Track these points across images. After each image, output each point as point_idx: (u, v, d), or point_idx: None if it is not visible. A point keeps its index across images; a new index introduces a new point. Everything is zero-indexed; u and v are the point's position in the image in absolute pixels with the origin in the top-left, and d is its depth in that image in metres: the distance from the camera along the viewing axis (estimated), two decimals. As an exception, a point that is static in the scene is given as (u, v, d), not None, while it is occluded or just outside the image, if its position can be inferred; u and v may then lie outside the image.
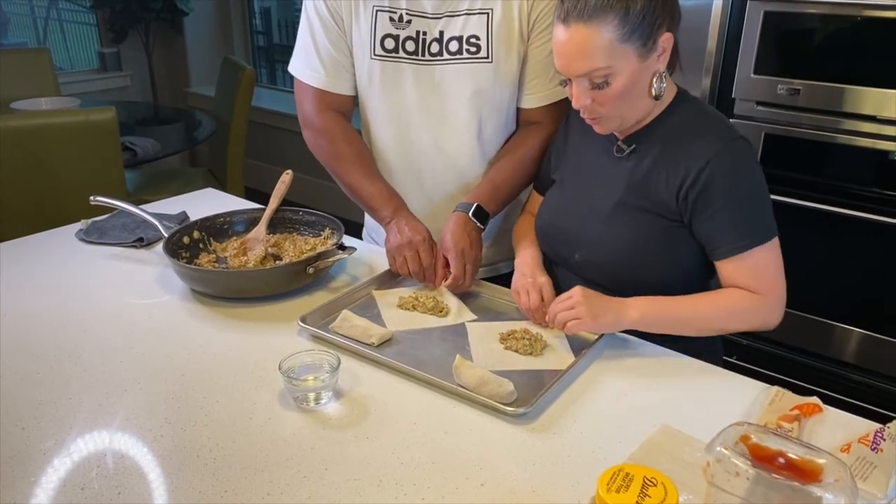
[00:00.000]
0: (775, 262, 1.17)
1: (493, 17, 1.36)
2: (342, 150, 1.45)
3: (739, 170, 1.14)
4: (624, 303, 1.15)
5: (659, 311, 1.16)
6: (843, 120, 1.93)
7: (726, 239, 1.15)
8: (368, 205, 1.45)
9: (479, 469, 0.91)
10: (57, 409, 1.02)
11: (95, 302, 1.33)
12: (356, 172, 1.44)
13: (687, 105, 1.21)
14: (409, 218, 1.38)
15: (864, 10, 1.81)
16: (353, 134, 1.48)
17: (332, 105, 1.47)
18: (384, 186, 1.43)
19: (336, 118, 1.47)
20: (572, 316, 1.13)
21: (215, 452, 0.93)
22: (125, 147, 2.81)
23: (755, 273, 1.15)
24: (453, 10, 1.36)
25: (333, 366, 1.04)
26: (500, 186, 1.41)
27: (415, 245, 1.34)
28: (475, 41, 1.37)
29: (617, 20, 1.06)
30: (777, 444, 0.74)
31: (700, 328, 1.19)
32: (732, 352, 2.20)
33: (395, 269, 1.38)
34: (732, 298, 1.16)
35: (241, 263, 1.42)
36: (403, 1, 1.36)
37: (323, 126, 1.46)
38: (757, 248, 1.14)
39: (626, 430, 0.99)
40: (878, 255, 1.97)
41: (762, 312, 1.17)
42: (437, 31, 1.37)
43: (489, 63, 1.38)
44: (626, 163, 1.22)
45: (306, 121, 1.48)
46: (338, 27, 1.41)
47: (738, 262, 1.15)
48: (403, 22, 1.37)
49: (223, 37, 4.72)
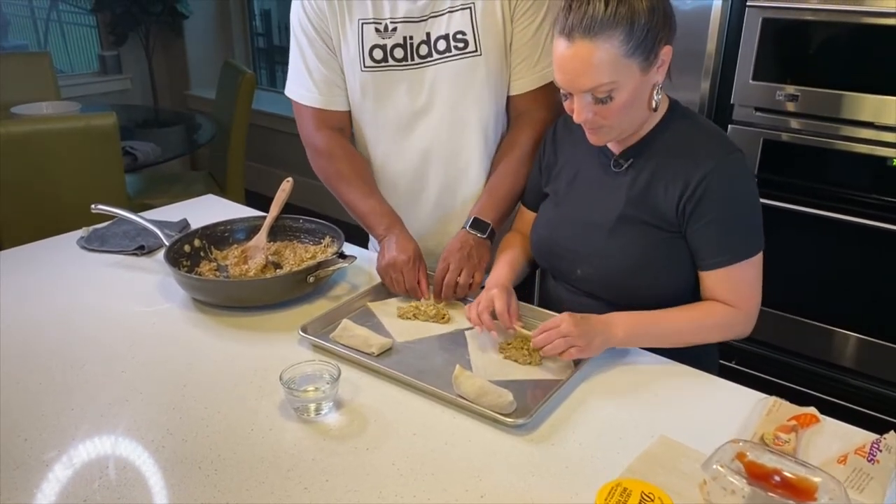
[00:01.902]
0: (755, 278, 1.19)
1: (476, 10, 1.37)
2: (341, 169, 1.47)
3: (735, 183, 1.16)
4: (609, 323, 1.15)
5: (641, 327, 1.17)
6: (841, 126, 1.94)
7: (713, 251, 1.16)
8: (364, 223, 1.46)
9: (479, 480, 0.92)
10: (59, 419, 1.03)
11: (97, 310, 1.34)
12: (353, 191, 1.46)
13: (682, 118, 1.22)
14: (399, 236, 1.38)
15: (863, 17, 1.82)
16: (351, 151, 1.50)
17: (329, 123, 1.49)
18: (378, 204, 1.44)
19: (334, 136, 1.49)
20: (568, 345, 1.11)
21: (217, 464, 0.94)
22: (125, 152, 2.81)
23: (734, 287, 1.17)
24: (436, 10, 1.37)
25: (334, 376, 1.05)
26: (498, 195, 1.42)
27: (398, 266, 1.34)
28: (462, 36, 1.38)
29: (623, 35, 1.05)
30: (773, 461, 0.75)
31: (678, 342, 1.20)
32: (732, 356, 2.21)
33: (389, 287, 1.39)
34: (709, 312, 1.19)
35: (242, 272, 1.43)
36: (387, 10, 1.37)
37: (322, 146, 1.48)
38: (740, 263, 1.16)
39: (625, 440, 1.00)
40: (876, 260, 1.97)
41: (737, 326, 1.20)
42: (424, 33, 1.38)
43: (479, 56, 1.39)
44: (623, 177, 1.23)
45: (307, 140, 1.51)
46: (326, 46, 1.43)
47: (720, 274, 1.17)
48: (389, 31, 1.38)
49: (223, 39, 4.73)
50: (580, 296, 1.28)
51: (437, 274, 1.35)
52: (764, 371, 2.18)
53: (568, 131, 1.33)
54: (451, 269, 1.33)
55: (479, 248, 1.36)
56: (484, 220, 1.39)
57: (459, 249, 1.35)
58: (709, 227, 1.15)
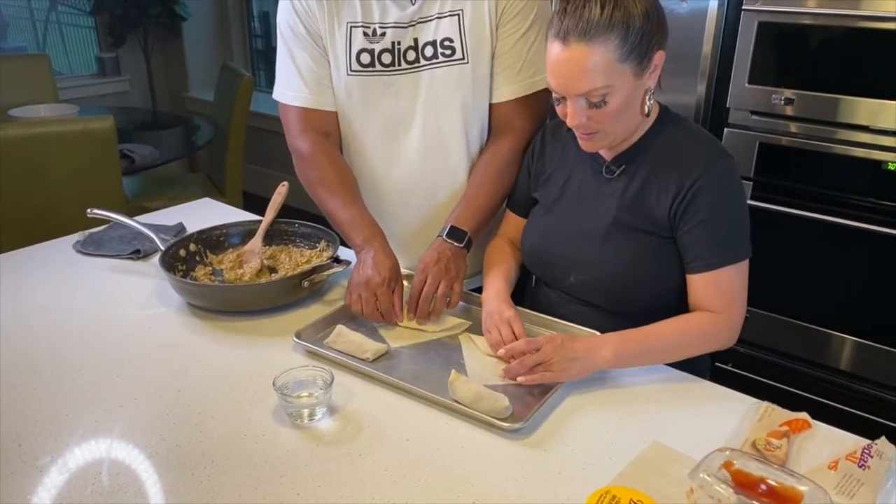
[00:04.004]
0: (741, 285, 1.18)
1: (465, 17, 1.36)
2: (323, 176, 1.42)
3: (725, 188, 1.16)
4: (592, 349, 1.13)
5: (630, 346, 1.14)
6: (837, 130, 1.94)
7: (701, 253, 1.16)
8: (343, 232, 1.40)
9: (471, 486, 0.92)
10: (53, 424, 1.03)
11: (93, 315, 1.34)
12: (334, 199, 1.40)
13: (673, 124, 1.22)
14: (377, 251, 1.31)
15: (859, 21, 1.82)
16: (335, 158, 1.45)
17: (316, 125, 1.45)
18: (358, 213, 1.39)
19: (319, 141, 1.45)
20: (539, 370, 1.10)
21: (210, 469, 0.94)
22: (123, 154, 2.81)
23: (720, 291, 1.17)
24: (424, 16, 1.37)
25: (327, 382, 1.05)
26: (475, 204, 1.39)
27: (372, 287, 1.27)
28: (449, 43, 1.37)
29: (618, 40, 1.06)
30: (759, 470, 0.75)
31: (668, 357, 1.18)
32: (727, 359, 2.21)
33: (349, 304, 1.30)
34: (695, 323, 1.18)
35: (237, 276, 1.43)
36: (377, 14, 1.37)
37: (306, 151, 1.44)
38: (727, 268, 1.16)
39: (617, 446, 1.00)
40: (872, 264, 1.98)
41: (723, 335, 1.19)
42: (412, 39, 1.38)
43: (465, 64, 1.38)
44: (615, 183, 1.23)
45: (292, 145, 1.47)
46: (316, 45, 1.41)
47: (708, 278, 1.16)
48: (378, 35, 1.37)
49: (222, 41, 4.73)
50: (573, 302, 1.29)
51: (415, 287, 1.30)
52: (759, 374, 2.18)
53: (556, 138, 1.33)
54: (429, 283, 1.29)
55: (457, 259, 1.33)
56: (461, 228, 1.36)
57: (437, 262, 1.31)
58: (698, 230, 1.15)
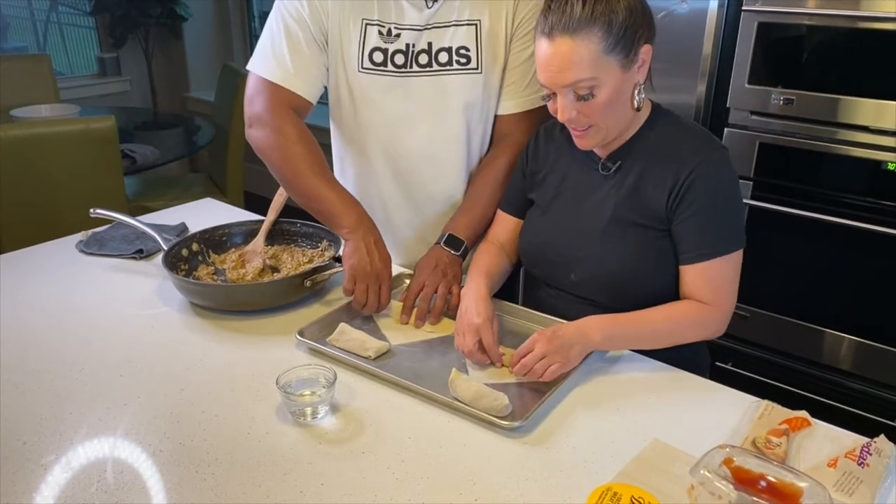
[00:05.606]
0: (732, 276, 1.20)
1: (482, 28, 1.37)
2: (298, 153, 1.34)
3: (719, 179, 1.18)
4: (583, 330, 1.15)
5: (617, 328, 1.17)
6: (837, 130, 1.94)
7: (694, 244, 1.18)
8: (327, 210, 1.33)
9: (473, 484, 0.93)
10: (58, 423, 1.04)
11: (96, 314, 1.35)
12: (312, 177, 1.33)
13: (666, 119, 1.24)
14: (378, 238, 1.31)
15: (858, 22, 1.83)
16: (310, 138, 1.37)
17: (290, 105, 1.38)
18: (344, 192, 1.35)
19: (294, 118, 1.37)
20: (547, 364, 1.11)
21: (214, 467, 0.95)
22: (124, 154, 2.82)
23: (710, 283, 1.18)
24: (440, 21, 1.37)
25: (330, 380, 1.06)
26: (473, 214, 1.41)
27: (380, 279, 1.27)
28: (465, 52, 1.38)
29: (601, 32, 1.09)
30: (759, 467, 0.76)
31: (656, 342, 1.20)
32: (728, 358, 2.22)
33: (348, 291, 1.29)
34: (684, 310, 1.20)
35: (240, 276, 1.44)
36: (393, 14, 1.37)
37: (279, 125, 1.35)
38: (718, 259, 1.17)
39: (618, 444, 1.01)
40: (871, 263, 1.98)
41: (712, 325, 1.20)
42: (426, 43, 1.38)
43: (479, 74, 1.39)
44: (612, 180, 1.24)
45: (258, 118, 1.37)
46: (314, 37, 1.37)
47: (700, 269, 1.18)
48: (392, 36, 1.37)
49: (222, 41, 4.74)
50: (574, 301, 1.29)
51: (412, 290, 1.31)
52: (759, 373, 2.19)
53: (550, 138, 1.34)
54: (429, 283, 1.31)
55: (453, 266, 1.35)
56: (459, 236, 1.37)
57: (435, 268, 1.32)
58: (692, 220, 1.17)
